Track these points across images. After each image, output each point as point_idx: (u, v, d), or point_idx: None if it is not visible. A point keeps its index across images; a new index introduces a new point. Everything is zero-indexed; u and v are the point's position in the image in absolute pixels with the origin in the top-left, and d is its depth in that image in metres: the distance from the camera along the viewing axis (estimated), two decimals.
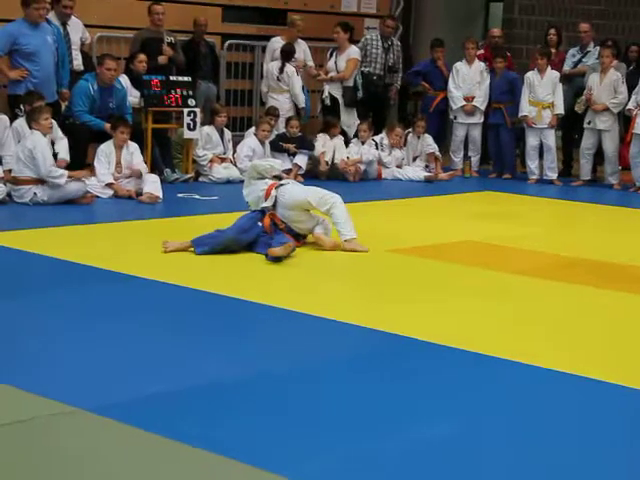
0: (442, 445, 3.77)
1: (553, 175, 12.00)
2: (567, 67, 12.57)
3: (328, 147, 11.61)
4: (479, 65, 12.59)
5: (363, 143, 11.83)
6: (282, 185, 7.54)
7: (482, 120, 12.62)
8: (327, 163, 11.55)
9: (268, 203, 7.40)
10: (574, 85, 12.23)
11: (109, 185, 9.51)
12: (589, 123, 11.85)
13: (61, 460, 3.49)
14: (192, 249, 7.07)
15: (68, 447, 3.61)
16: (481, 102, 12.48)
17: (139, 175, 9.52)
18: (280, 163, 8.38)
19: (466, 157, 12.69)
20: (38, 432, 3.72)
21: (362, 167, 11.70)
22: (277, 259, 6.89)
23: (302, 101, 12.04)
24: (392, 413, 4.10)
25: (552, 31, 12.91)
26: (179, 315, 5.59)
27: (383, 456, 3.63)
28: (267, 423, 3.91)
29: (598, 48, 12.24)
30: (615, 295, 6.45)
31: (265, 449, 3.65)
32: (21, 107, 9.31)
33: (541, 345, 5.26)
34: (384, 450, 3.68)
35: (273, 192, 7.43)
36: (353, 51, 12.28)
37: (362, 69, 12.40)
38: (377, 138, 12.05)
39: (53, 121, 9.25)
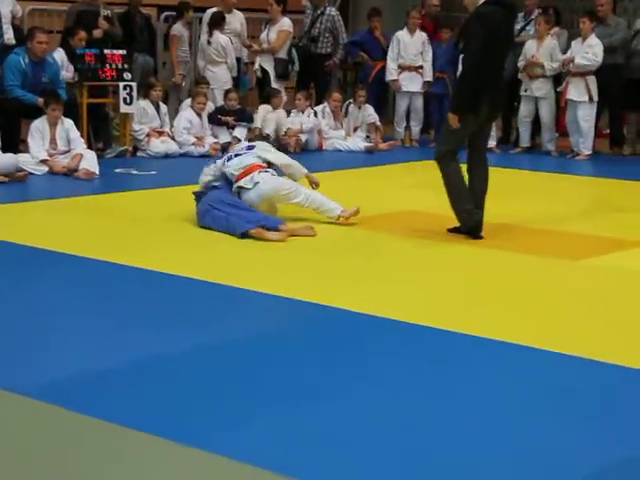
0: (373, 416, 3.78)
1: (492, 143, 11.98)
2: None
3: (270, 119, 11.45)
4: (421, 35, 12.49)
5: (303, 112, 11.74)
6: (266, 171, 7.31)
7: (424, 90, 12.54)
8: (268, 135, 11.32)
9: (247, 184, 7.13)
10: (517, 53, 12.09)
11: (44, 162, 9.34)
12: (526, 91, 11.91)
13: None
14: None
15: None
16: (427, 72, 12.40)
17: (91, 176, 9.19)
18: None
19: (407, 127, 12.66)
20: None
21: (303, 137, 11.61)
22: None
23: (235, 69, 11.95)
24: (322, 383, 4.11)
25: None
26: (108, 291, 5.51)
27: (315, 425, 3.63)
28: (194, 397, 3.89)
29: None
30: (539, 260, 6.51)
31: (192, 424, 3.62)
32: None
33: (465, 311, 5.28)
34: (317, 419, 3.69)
35: (256, 175, 7.17)
36: (285, 23, 12.13)
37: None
38: (318, 108, 12.00)
39: None
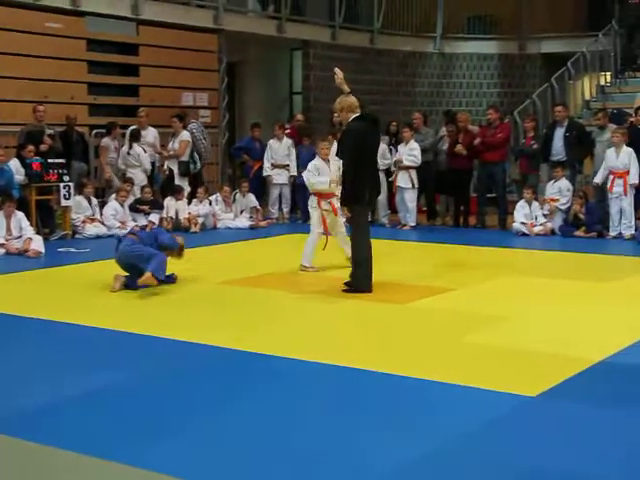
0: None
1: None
2: None
3: (171, 206, 11.75)
4: (287, 141, 12.93)
5: (201, 202, 12.04)
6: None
7: (292, 181, 12.91)
8: (171, 219, 11.62)
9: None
10: None
11: (1, 245, 9.36)
12: None
13: None
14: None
15: None
16: (292, 168, 12.78)
17: (38, 255, 9.17)
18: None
19: (280, 209, 13.02)
20: None
21: (200, 220, 11.87)
22: None
23: (149, 171, 12.17)
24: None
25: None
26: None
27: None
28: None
29: None
30: (376, 305, 6.81)
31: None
32: None
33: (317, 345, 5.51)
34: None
35: None
36: (185, 135, 12.36)
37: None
38: (213, 197, 12.26)
39: None
